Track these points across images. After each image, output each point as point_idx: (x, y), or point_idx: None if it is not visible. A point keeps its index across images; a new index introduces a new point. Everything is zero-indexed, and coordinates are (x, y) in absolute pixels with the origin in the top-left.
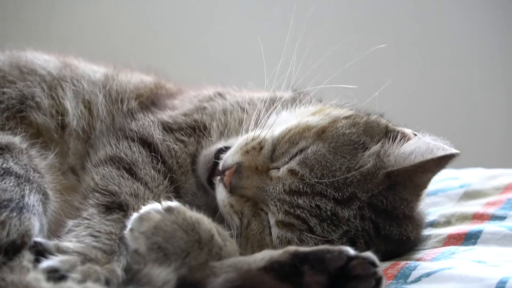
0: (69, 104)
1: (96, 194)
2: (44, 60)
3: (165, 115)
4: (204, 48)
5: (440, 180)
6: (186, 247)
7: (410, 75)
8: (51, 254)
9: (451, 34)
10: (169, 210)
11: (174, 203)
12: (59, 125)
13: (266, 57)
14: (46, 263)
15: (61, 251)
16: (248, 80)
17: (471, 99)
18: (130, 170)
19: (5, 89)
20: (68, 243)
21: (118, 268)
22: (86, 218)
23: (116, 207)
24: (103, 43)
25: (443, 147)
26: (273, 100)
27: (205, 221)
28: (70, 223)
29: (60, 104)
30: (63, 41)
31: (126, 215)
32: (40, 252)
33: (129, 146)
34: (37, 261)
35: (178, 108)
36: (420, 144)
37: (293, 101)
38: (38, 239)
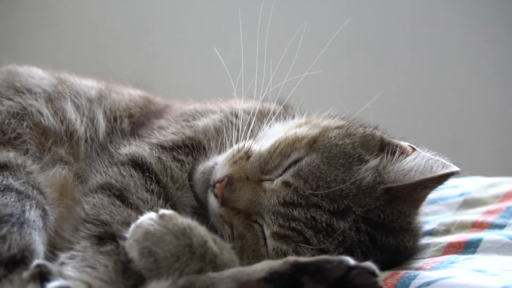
0: (73, 115)
1: (88, 224)
2: (39, 78)
3: (154, 137)
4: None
5: (440, 188)
6: (176, 251)
7: (405, 84)
8: (54, 277)
9: (445, 41)
10: (162, 216)
11: (168, 211)
12: (67, 130)
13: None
14: (58, 283)
15: (64, 277)
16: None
17: (469, 108)
18: (121, 196)
19: (4, 101)
20: (69, 272)
21: None
22: (79, 251)
23: (109, 238)
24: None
25: (443, 164)
26: (261, 111)
27: (199, 228)
28: (62, 256)
29: (63, 115)
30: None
31: (118, 246)
32: (43, 274)
33: (119, 171)
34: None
35: (165, 129)
36: (419, 160)
37: (283, 113)
38: (42, 261)
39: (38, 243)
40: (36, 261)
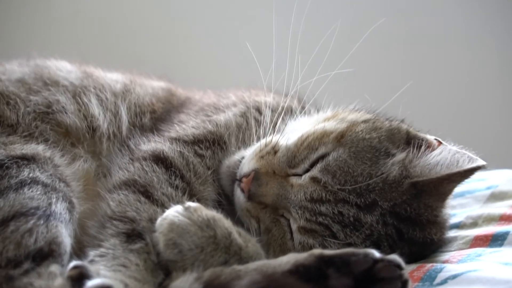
0: (96, 110)
1: (115, 221)
2: (66, 71)
3: (173, 131)
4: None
5: (467, 181)
6: (200, 242)
7: (431, 78)
8: (92, 277)
9: (473, 37)
10: (187, 208)
11: (194, 203)
12: (90, 127)
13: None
14: (100, 281)
15: (100, 276)
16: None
17: (496, 101)
18: (146, 192)
19: (31, 97)
20: (102, 271)
21: None
22: (109, 249)
23: (137, 235)
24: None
25: (469, 158)
26: (284, 106)
27: (223, 220)
28: (91, 253)
29: (87, 110)
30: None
31: (147, 244)
32: (82, 274)
33: (142, 166)
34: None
35: (185, 123)
36: (445, 154)
37: (303, 109)
38: (80, 262)
39: (65, 235)
40: (74, 262)
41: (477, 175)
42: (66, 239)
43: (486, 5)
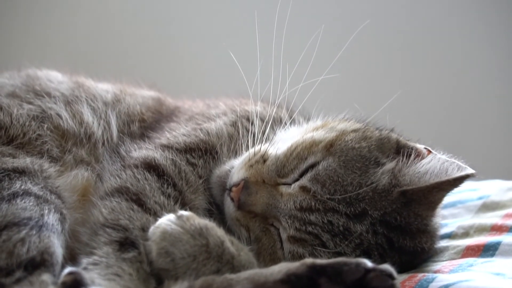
0: (90, 118)
1: (108, 229)
2: (57, 82)
3: (164, 138)
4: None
5: (459, 191)
6: (192, 251)
7: (422, 86)
8: (87, 285)
9: (463, 43)
10: (179, 217)
11: (186, 212)
12: (86, 133)
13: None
14: None
15: (95, 284)
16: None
17: (488, 111)
18: (139, 200)
19: (24, 104)
20: (96, 280)
21: None
22: (102, 257)
23: (130, 244)
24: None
25: (458, 167)
26: (275, 118)
27: (216, 229)
28: (84, 260)
29: (81, 118)
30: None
31: (140, 253)
32: (76, 281)
33: (133, 174)
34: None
35: (176, 130)
36: (434, 163)
37: (296, 116)
38: (75, 268)
39: (57, 246)
40: (69, 268)
41: (469, 185)
42: (58, 249)
43: (477, 8)
